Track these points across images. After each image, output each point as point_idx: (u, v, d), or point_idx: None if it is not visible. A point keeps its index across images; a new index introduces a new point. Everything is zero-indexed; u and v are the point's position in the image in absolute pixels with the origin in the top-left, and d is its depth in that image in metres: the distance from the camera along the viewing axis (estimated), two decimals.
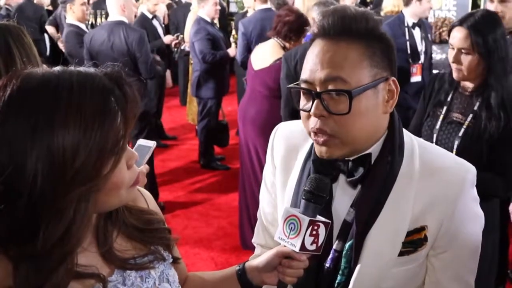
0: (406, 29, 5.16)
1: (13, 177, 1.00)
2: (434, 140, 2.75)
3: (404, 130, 1.50)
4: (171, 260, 1.34)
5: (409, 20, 5.20)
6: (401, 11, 5.34)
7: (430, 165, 1.44)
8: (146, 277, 1.25)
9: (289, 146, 1.60)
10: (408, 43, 5.09)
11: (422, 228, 1.41)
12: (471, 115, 2.67)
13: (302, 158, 1.55)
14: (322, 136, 1.38)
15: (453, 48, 2.68)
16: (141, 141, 2.16)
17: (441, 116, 2.77)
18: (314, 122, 1.38)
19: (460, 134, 2.67)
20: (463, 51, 2.64)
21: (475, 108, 2.66)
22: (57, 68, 1.09)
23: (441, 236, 1.42)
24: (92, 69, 1.11)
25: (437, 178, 1.42)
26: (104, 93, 1.06)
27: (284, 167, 1.60)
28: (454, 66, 2.70)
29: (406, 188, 1.42)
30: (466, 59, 2.64)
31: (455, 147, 2.67)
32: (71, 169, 1.01)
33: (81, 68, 1.11)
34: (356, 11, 1.39)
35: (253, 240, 1.77)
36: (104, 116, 1.04)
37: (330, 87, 1.34)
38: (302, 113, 1.41)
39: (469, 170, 1.45)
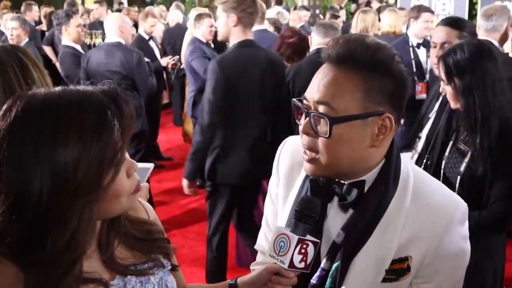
0: (411, 48, 5.33)
1: (21, 191, 1.09)
2: (443, 167, 2.69)
3: (402, 159, 1.52)
4: (169, 267, 1.40)
5: (413, 40, 5.39)
6: (406, 33, 5.59)
7: (422, 198, 1.47)
8: (146, 283, 1.31)
9: (294, 161, 1.63)
10: (413, 61, 5.20)
11: (406, 259, 1.45)
12: (472, 149, 2.56)
13: (304, 174, 1.57)
14: (309, 154, 1.43)
15: None
16: (139, 164, 2.18)
17: (451, 143, 2.71)
18: (304, 139, 1.44)
19: (462, 168, 2.58)
20: (443, 81, 2.64)
21: (477, 140, 2.54)
22: (58, 88, 1.18)
23: (424, 268, 1.46)
24: (90, 87, 1.19)
25: (426, 212, 1.45)
26: (101, 108, 1.14)
27: (287, 181, 1.65)
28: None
29: (396, 218, 1.45)
30: (446, 89, 2.62)
31: (458, 181, 2.59)
32: (73, 182, 1.09)
33: (80, 87, 1.19)
34: (369, 42, 1.40)
35: (255, 246, 1.80)
36: (101, 130, 1.12)
37: (319, 109, 1.39)
38: (299, 128, 1.46)
39: (458, 208, 1.48)
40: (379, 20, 6.65)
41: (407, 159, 1.56)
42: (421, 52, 5.36)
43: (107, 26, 5.26)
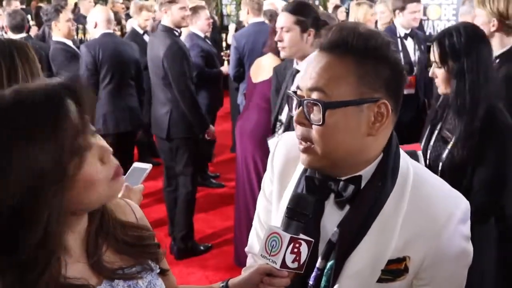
0: (399, 39, 5.12)
1: None
2: (428, 157, 2.67)
3: (402, 155, 1.48)
4: (158, 271, 1.37)
5: (401, 30, 5.17)
6: (393, 22, 5.37)
7: (421, 196, 1.42)
8: (134, 287, 1.29)
9: (289, 158, 1.60)
10: (401, 53, 5.01)
11: (403, 259, 1.41)
12: (456, 135, 2.56)
13: (300, 171, 1.54)
14: (303, 144, 1.40)
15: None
16: (137, 164, 2.25)
17: (436, 132, 2.69)
18: (298, 129, 1.42)
19: (444, 155, 2.57)
20: (436, 64, 2.61)
21: (463, 125, 2.54)
22: (9, 89, 1.14)
23: (423, 269, 1.42)
24: (46, 79, 1.18)
25: (426, 211, 1.41)
26: (53, 100, 1.11)
27: (282, 178, 1.61)
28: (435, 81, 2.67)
29: (393, 216, 1.41)
30: (438, 72, 2.60)
31: (439, 168, 2.56)
32: (36, 176, 1.07)
33: (30, 84, 1.16)
34: (361, 30, 1.39)
35: (246, 249, 1.75)
36: (55, 123, 1.09)
37: (313, 96, 1.37)
38: (294, 120, 1.43)
39: (459, 206, 1.43)
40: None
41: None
42: (409, 44, 5.16)
43: (99, 19, 5.10)
